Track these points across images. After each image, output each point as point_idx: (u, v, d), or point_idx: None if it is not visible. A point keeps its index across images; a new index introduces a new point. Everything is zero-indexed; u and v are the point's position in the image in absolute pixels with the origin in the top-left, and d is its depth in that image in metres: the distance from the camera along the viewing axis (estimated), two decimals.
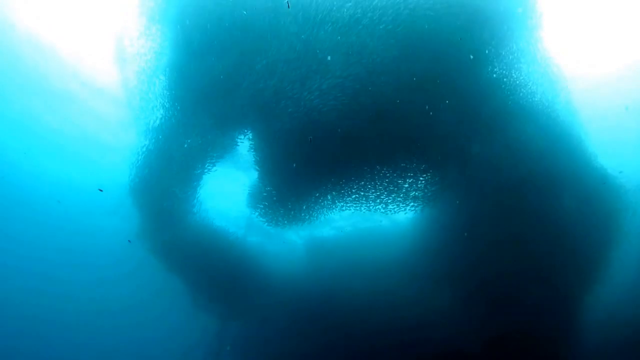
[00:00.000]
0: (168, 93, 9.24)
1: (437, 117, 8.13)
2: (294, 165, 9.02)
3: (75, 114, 13.02)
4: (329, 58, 7.59)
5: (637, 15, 9.17)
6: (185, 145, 9.90)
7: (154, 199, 10.52)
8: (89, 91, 12.18)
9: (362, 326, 10.48)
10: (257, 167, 9.68)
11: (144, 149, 10.28)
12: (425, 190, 9.62)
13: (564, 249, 8.93)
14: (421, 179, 9.36)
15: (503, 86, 8.30)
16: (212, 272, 11.59)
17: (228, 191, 12.47)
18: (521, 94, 8.50)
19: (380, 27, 7.22)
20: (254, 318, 12.47)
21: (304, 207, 10.40)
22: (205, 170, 10.49)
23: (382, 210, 10.26)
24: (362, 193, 9.87)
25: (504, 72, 8.17)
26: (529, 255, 8.99)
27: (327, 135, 8.28)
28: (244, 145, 9.87)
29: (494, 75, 8.10)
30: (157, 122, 9.81)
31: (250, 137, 9.40)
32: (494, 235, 9.22)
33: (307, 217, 10.76)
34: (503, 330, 9.20)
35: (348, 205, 10.39)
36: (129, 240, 10.93)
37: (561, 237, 8.91)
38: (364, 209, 10.38)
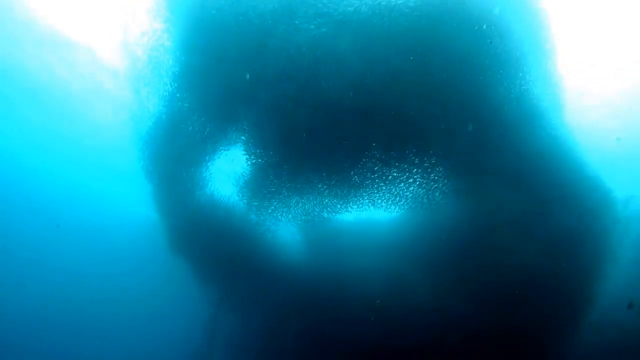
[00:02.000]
0: (173, 73, 9.33)
1: (442, 122, 8.47)
2: (294, 155, 9.17)
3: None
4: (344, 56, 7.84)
5: None
6: (191, 128, 9.93)
7: (164, 178, 10.57)
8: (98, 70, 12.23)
9: (361, 320, 10.56)
10: (258, 159, 9.76)
11: (152, 124, 10.35)
12: (419, 191, 9.83)
13: (559, 257, 9.27)
14: (415, 180, 9.62)
15: (511, 98, 8.63)
16: (214, 257, 11.58)
17: (231, 178, 12.34)
18: (528, 108, 8.89)
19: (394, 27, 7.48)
20: (250, 310, 12.42)
21: (303, 201, 10.50)
22: (211, 155, 10.53)
23: (376, 206, 10.51)
24: (361, 190, 10.08)
25: (514, 86, 8.52)
26: (522, 262, 9.27)
27: (335, 129, 8.54)
28: (247, 136, 9.87)
29: (504, 89, 8.44)
30: (165, 104, 9.90)
31: (254, 129, 9.48)
32: (490, 240, 9.54)
33: (305, 212, 10.86)
34: (492, 328, 9.46)
35: (347, 202, 10.57)
36: None
37: (556, 246, 9.26)
38: (360, 205, 10.59)
